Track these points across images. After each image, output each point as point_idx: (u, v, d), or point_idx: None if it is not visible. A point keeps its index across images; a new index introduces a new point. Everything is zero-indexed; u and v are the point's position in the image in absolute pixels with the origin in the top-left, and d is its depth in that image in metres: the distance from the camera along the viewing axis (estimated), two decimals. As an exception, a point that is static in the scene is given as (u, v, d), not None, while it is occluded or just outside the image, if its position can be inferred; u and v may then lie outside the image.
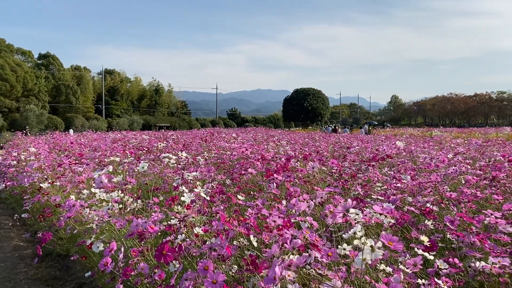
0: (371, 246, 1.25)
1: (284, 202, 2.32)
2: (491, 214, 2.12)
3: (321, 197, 2.73)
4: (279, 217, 1.73)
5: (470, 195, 2.85)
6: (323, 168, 4.57)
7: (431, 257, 1.47)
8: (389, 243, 1.24)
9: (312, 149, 7.44)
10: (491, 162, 4.31)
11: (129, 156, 5.31)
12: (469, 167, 3.95)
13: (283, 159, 4.98)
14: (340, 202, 2.77)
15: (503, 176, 3.22)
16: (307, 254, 1.36)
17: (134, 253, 2.07)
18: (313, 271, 1.48)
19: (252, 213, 2.15)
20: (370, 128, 33.85)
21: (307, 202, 2.12)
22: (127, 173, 4.41)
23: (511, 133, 20.52)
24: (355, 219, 1.59)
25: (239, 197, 2.58)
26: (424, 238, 1.65)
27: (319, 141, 10.94)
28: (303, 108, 67.75)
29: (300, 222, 2.24)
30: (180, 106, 60.57)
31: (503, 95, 67.51)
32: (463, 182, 3.30)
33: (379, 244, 1.26)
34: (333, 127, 39.28)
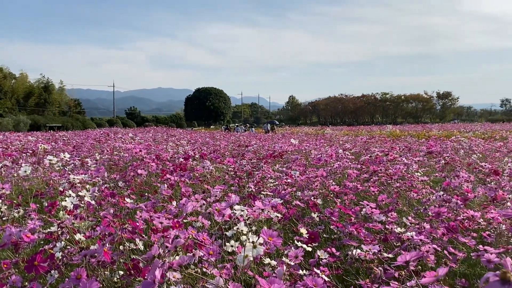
0: (253, 242, 1.28)
1: (174, 203, 2.28)
2: (367, 205, 2.31)
3: (216, 196, 2.75)
4: (166, 218, 1.69)
5: (352, 188, 3.09)
6: (223, 166, 4.62)
7: (309, 249, 1.56)
8: (269, 239, 1.28)
9: (211, 148, 7.46)
10: (372, 157, 4.71)
11: (7, 160, 4.80)
12: (352, 162, 4.28)
13: (181, 158, 4.92)
14: (233, 199, 2.81)
15: (380, 170, 3.54)
16: (191, 254, 1.34)
17: (5, 266, 1.87)
18: (199, 270, 1.47)
19: (140, 216, 2.08)
20: (274, 127, 35.01)
21: (198, 201, 2.11)
22: (5, 178, 3.99)
23: (392, 130, 22.73)
24: (241, 215, 1.62)
25: (128, 199, 2.47)
26: (303, 230, 1.73)
27: (219, 140, 11.01)
28: (205, 107, 67.70)
29: (193, 222, 2.23)
30: (73, 105, 56.43)
31: (386, 96, 74.54)
32: (347, 176, 3.56)
33: (261, 240, 1.30)
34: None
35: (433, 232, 1.92)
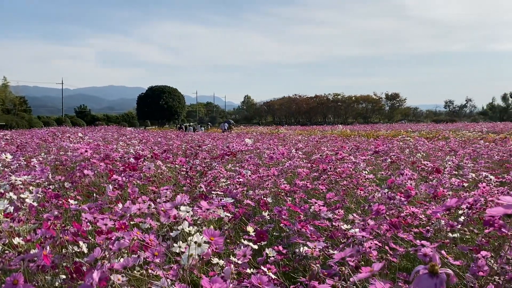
0: (195, 242, 1.28)
1: (120, 204, 2.22)
2: (315, 203, 2.36)
3: (165, 196, 2.71)
4: (111, 219, 1.65)
5: (302, 187, 3.15)
6: (176, 166, 4.56)
7: (256, 247, 1.57)
8: (211, 238, 1.28)
9: (164, 148, 7.34)
10: (322, 156, 4.82)
11: None
12: (303, 161, 4.36)
13: (131, 158, 4.80)
14: (185, 200, 2.79)
15: (329, 168, 3.63)
16: (136, 255, 1.32)
17: None
18: (144, 272, 1.44)
19: (86, 218, 2.01)
20: (231, 126, 35.09)
21: (145, 202, 2.07)
22: None
23: (343, 130, 23.38)
24: (188, 216, 1.61)
25: (72, 201, 2.39)
26: (249, 229, 1.75)
27: (172, 139, 10.85)
28: (158, 106, 66.42)
29: (140, 223, 2.19)
30: (18, 103, 53.54)
31: (338, 96, 76.52)
32: (297, 175, 3.63)
33: (205, 238, 1.29)
34: (197, 126, 39.24)
35: (377, 228, 2.00)
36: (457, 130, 20.56)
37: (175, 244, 1.71)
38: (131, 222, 2.11)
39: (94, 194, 3.35)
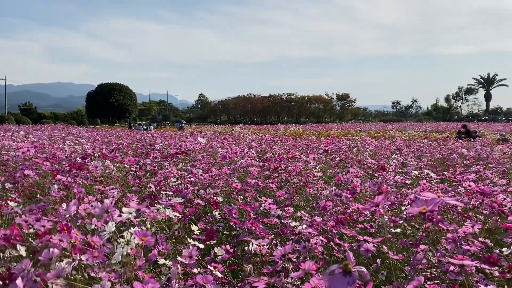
0: (128, 241, 1.26)
1: (64, 205, 2.13)
2: (265, 201, 2.38)
3: (113, 196, 2.64)
4: (50, 221, 1.58)
5: (253, 185, 3.17)
6: (126, 166, 4.43)
7: (202, 246, 1.56)
8: (142, 238, 1.26)
9: (113, 147, 7.13)
10: (274, 155, 4.87)
11: None
12: (255, 160, 4.39)
13: (78, 158, 4.63)
14: (133, 200, 2.72)
15: (280, 167, 3.67)
16: (71, 259, 1.27)
17: None
18: (85, 275, 1.39)
19: (24, 220, 1.91)
20: (183, 125, 34.83)
21: (90, 203, 2.00)
22: None
23: (296, 129, 23.76)
24: (129, 217, 1.57)
25: (11, 203, 2.26)
26: (194, 228, 1.74)
27: (123, 138, 10.56)
28: (109, 104, 64.39)
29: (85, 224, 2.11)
30: (-46, 99, 50.06)
31: (292, 96, 77.65)
32: (249, 173, 3.64)
33: (136, 240, 1.28)
34: (147, 124, 38.41)
35: (324, 225, 2.04)
36: (403, 129, 21.48)
37: (121, 240, 1.67)
38: (77, 224, 2.04)
39: (38, 195, 3.20)
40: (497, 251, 1.88)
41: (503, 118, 60.20)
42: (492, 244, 2.04)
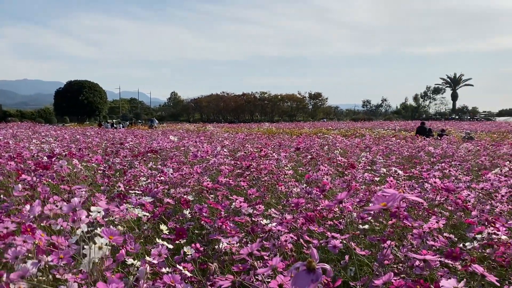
0: (99, 245, 1.24)
1: (28, 206, 2.07)
2: (236, 199, 2.38)
3: (81, 196, 2.58)
4: (13, 222, 1.53)
5: (225, 184, 3.16)
6: (94, 165, 4.34)
7: (170, 246, 1.55)
8: (110, 237, 1.24)
9: (82, 146, 6.97)
10: (246, 153, 4.87)
11: None
12: (227, 158, 4.38)
13: (45, 157, 4.50)
14: (101, 200, 2.66)
15: (252, 165, 3.68)
16: (37, 260, 1.23)
17: None
18: (50, 277, 1.36)
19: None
20: (156, 124, 34.56)
21: (56, 203, 1.94)
22: None
23: (269, 128, 23.86)
24: (97, 217, 1.54)
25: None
26: (163, 227, 1.72)
27: (92, 137, 10.33)
28: (78, 101, 62.87)
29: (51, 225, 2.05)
30: None
31: (265, 95, 77.88)
32: (220, 172, 3.63)
33: (105, 241, 1.25)
34: (116, 123, 37.72)
35: (294, 222, 2.06)
36: (373, 128, 21.91)
37: (86, 246, 1.63)
38: (41, 224, 1.98)
39: (2, 196, 3.09)
40: (461, 245, 1.94)
41: (469, 117, 62.31)
42: (456, 239, 2.11)
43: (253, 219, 2.21)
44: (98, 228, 1.78)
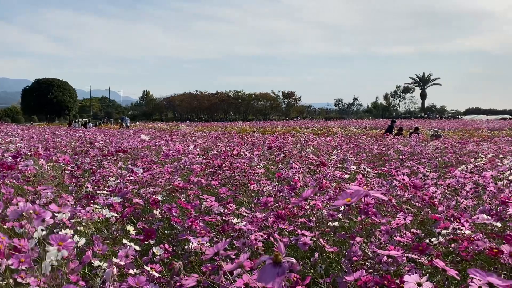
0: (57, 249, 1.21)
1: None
2: (207, 198, 2.36)
3: (46, 197, 2.52)
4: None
5: (196, 183, 3.13)
6: (62, 165, 4.23)
7: (137, 247, 1.52)
8: (60, 243, 1.21)
9: (50, 145, 6.78)
10: (219, 152, 4.85)
11: None
12: (199, 157, 4.34)
13: (10, 157, 4.35)
14: (68, 201, 2.59)
15: (224, 164, 3.66)
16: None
17: None
18: (11, 281, 1.31)
19: None
20: (123, 123, 34.10)
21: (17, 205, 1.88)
22: None
23: (243, 126, 23.84)
24: (63, 218, 1.49)
25: None
26: (129, 228, 1.69)
27: (61, 136, 10.06)
28: (47, 100, 61.10)
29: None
30: None
31: (239, 94, 77.79)
32: (192, 171, 3.60)
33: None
34: (84, 122, 36.87)
35: (265, 220, 2.06)
36: (345, 126, 22.22)
37: (50, 248, 1.58)
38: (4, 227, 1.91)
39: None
40: (427, 240, 1.99)
41: (437, 115, 64.08)
42: (423, 235, 2.15)
43: (224, 218, 2.20)
44: (65, 230, 1.73)
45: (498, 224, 2.04)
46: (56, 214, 1.46)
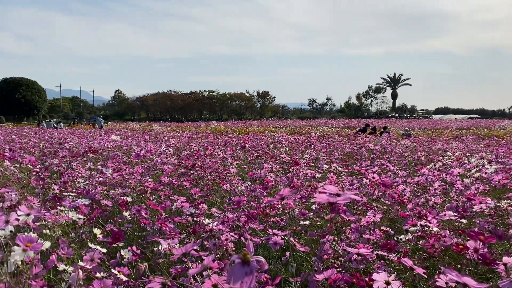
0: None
1: None
2: (177, 199, 2.33)
3: (11, 200, 2.43)
4: None
5: (168, 183, 3.09)
6: (29, 166, 4.10)
7: (104, 250, 1.48)
8: (28, 245, 1.17)
9: (17, 146, 6.57)
10: (192, 152, 4.81)
11: None
12: (172, 157, 4.29)
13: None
14: (34, 203, 2.51)
15: (196, 164, 3.63)
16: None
17: None
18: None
19: None
20: (92, 122, 33.51)
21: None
22: None
23: (217, 126, 23.75)
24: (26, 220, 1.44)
25: None
26: (96, 231, 1.65)
27: (29, 137, 9.76)
28: (14, 100, 59.19)
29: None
30: None
31: (213, 93, 77.38)
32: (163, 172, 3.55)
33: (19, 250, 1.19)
34: (54, 122, 35.91)
35: (237, 220, 2.05)
36: (318, 126, 22.45)
37: (15, 247, 1.52)
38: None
39: None
40: (396, 238, 2.02)
41: (408, 115, 65.54)
42: (393, 232, 2.19)
43: (195, 219, 2.17)
44: (29, 233, 1.67)
45: (464, 221, 2.09)
46: (19, 217, 1.41)
